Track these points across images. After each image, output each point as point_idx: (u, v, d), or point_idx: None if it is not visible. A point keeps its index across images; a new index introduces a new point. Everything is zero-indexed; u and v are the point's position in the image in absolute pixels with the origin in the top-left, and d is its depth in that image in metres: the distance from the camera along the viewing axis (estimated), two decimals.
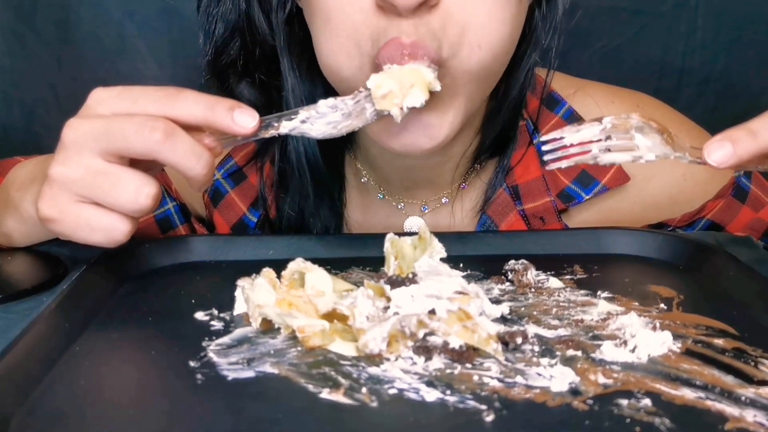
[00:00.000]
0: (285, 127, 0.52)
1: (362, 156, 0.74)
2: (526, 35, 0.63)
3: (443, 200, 0.74)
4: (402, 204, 0.74)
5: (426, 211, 0.74)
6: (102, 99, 0.51)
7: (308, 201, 0.71)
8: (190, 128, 0.50)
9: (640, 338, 0.45)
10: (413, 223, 0.74)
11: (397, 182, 0.74)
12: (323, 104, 0.52)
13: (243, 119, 0.50)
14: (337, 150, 0.73)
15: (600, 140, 0.50)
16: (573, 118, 0.72)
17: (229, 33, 0.67)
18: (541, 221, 0.71)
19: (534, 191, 0.71)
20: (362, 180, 0.75)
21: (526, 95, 0.70)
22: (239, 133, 0.51)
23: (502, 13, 0.56)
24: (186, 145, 0.49)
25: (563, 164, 0.51)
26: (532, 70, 0.67)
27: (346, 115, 0.52)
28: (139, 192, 0.49)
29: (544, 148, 0.52)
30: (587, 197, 0.71)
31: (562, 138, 0.51)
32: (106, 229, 0.50)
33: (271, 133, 0.52)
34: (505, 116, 0.69)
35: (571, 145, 0.51)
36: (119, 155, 0.49)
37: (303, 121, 0.52)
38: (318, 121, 0.52)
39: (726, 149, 0.47)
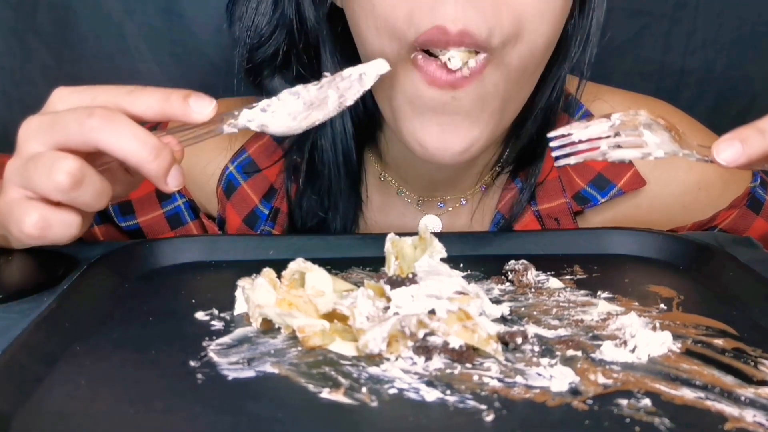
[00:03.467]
0: (244, 116, 0.50)
1: (383, 157, 0.73)
2: (559, 48, 0.63)
3: (462, 201, 0.74)
4: (420, 202, 0.74)
5: (443, 207, 0.74)
6: (62, 96, 0.50)
7: (331, 196, 0.70)
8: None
9: (639, 338, 0.45)
10: (429, 221, 0.73)
11: (417, 184, 0.73)
12: (286, 92, 0.50)
13: (199, 106, 0.48)
14: (359, 148, 0.72)
15: (609, 137, 0.50)
16: None
17: (273, 26, 0.67)
18: (556, 222, 0.71)
19: (549, 192, 0.71)
20: (380, 178, 0.74)
21: (556, 110, 0.68)
22: (196, 120, 0.49)
23: (554, 4, 0.55)
24: (127, 128, 0.46)
25: (572, 161, 0.51)
26: (561, 83, 0.67)
27: (308, 105, 0.50)
28: (53, 168, 0.45)
29: (552, 144, 0.52)
30: (603, 200, 0.70)
31: (570, 134, 0.51)
32: (15, 217, 0.47)
33: (230, 123, 0.50)
34: (532, 129, 0.68)
35: (580, 141, 0.51)
36: (64, 147, 0.47)
37: (263, 110, 0.50)
38: (279, 110, 0.50)
39: (735, 148, 0.46)
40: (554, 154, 0.52)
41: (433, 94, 0.55)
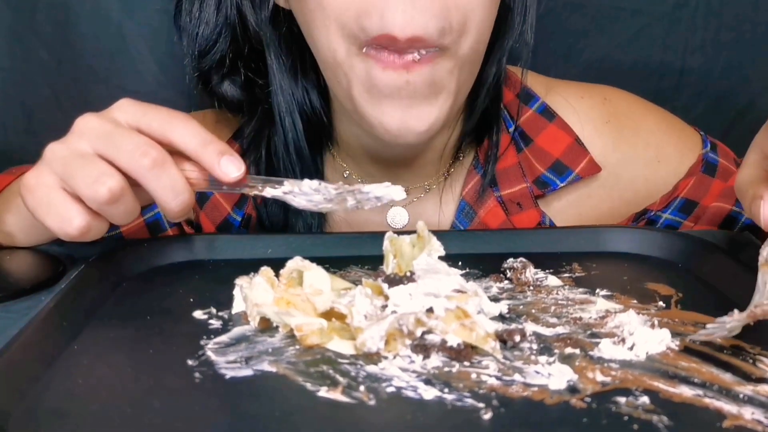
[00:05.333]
0: (268, 193, 0.53)
1: (344, 152, 0.75)
2: (499, 28, 0.65)
3: (426, 190, 0.75)
4: None
5: (407, 198, 0.75)
6: (122, 106, 0.53)
7: None
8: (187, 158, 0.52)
9: (638, 336, 0.45)
10: (396, 213, 0.75)
11: (379, 177, 0.74)
12: (307, 184, 0.53)
13: (228, 167, 0.51)
14: (318, 148, 0.74)
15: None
16: (546, 112, 0.74)
17: (216, 33, 0.69)
18: (518, 207, 0.73)
19: (511, 177, 0.73)
20: (344, 174, 0.76)
21: (502, 86, 0.72)
22: (221, 179, 0.52)
23: None
24: (169, 180, 0.50)
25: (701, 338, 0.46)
26: (503, 60, 0.70)
27: (328, 200, 0.53)
28: (98, 180, 0.49)
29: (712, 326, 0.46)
30: (562, 185, 0.73)
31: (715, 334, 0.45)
32: (61, 215, 0.50)
33: (254, 193, 0.54)
34: (483, 105, 0.71)
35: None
36: (110, 162, 0.50)
37: (285, 193, 0.53)
38: (300, 196, 0.53)
39: None
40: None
41: (387, 79, 0.57)
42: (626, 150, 0.74)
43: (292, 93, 0.69)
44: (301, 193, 0.53)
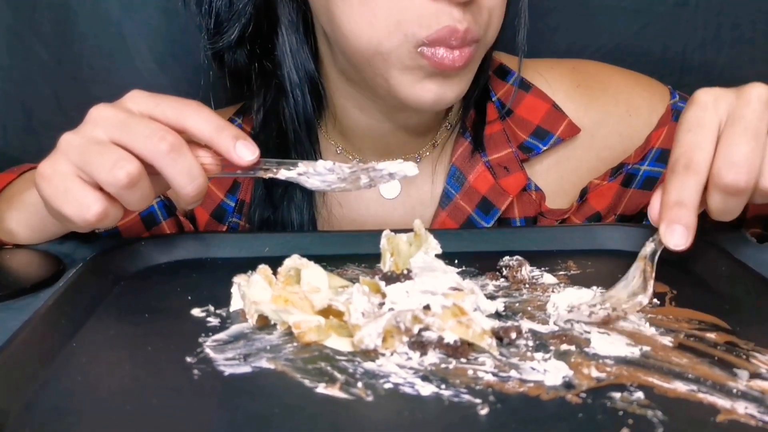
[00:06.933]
0: (282, 174, 0.55)
1: (336, 129, 0.76)
2: None
3: (416, 160, 0.77)
4: None
5: None
6: (134, 97, 0.54)
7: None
8: (200, 145, 0.54)
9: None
10: (388, 186, 0.77)
11: (371, 150, 0.76)
12: (322, 165, 0.54)
13: (243, 151, 0.53)
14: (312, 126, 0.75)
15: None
16: (523, 84, 0.78)
17: (236, 11, 0.69)
18: (506, 170, 0.75)
19: (497, 143, 0.76)
20: (337, 151, 0.77)
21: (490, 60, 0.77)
22: (235, 162, 0.53)
23: None
24: (185, 164, 0.52)
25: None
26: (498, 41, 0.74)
27: (341, 179, 0.55)
28: (117, 165, 0.50)
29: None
30: (544, 148, 0.76)
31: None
32: (79, 202, 0.51)
33: (268, 175, 0.55)
34: (484, 80, 0.75)
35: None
36: (126, 148, 0.51)
37: (300, 174, 0.55)
38: (314, 177, 0.55)
39: (679, 232, 0.50)
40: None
41: (439, 70, 0.61)
42: (598, 109, 0.77)
43: (303, 65, 0.70)
44: (316, 174, 0.54)
